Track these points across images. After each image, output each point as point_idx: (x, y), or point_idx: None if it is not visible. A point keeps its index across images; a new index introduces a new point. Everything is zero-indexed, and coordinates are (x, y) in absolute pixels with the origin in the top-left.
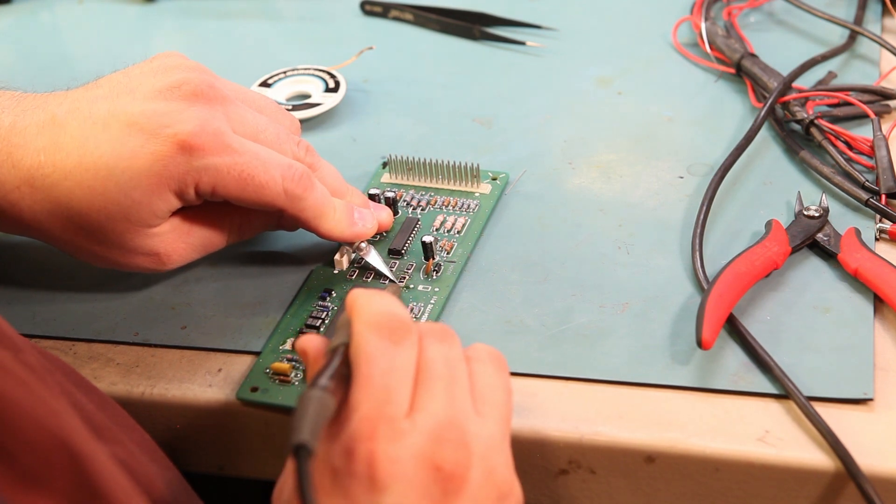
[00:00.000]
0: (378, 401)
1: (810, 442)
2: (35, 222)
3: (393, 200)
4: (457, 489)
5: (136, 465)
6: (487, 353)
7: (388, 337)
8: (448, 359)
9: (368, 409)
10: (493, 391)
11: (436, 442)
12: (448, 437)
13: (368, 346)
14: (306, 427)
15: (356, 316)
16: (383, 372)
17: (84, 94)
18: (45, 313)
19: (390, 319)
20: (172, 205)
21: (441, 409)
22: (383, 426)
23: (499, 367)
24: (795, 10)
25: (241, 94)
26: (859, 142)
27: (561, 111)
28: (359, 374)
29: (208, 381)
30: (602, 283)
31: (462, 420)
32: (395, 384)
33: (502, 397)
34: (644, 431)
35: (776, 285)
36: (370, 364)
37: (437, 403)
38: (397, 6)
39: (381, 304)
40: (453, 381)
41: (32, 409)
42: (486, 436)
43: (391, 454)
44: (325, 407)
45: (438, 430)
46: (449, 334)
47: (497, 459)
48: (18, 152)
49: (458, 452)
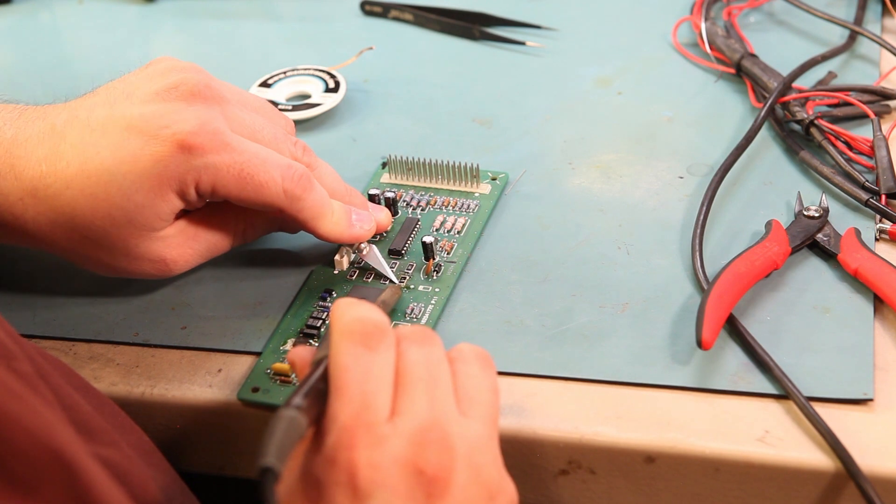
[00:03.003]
0: (356, 408)
1: (810, 442)
2: (39, 233)
3: (393, 201)
4: (441, 492)
5: (132, 468)
6: (472, 353)
7: (362, 343)
8: (429, 361)
9: (347, 418)
10: (478, 391)
11: (418, 445)
12: (430, 439)
13: (343, 356)
14: (272, 449)
15: (333, 326)
16: (359, 380)
17: (82, 103)
18: (45, 313)
19: (363, 325)
20: (175, 205)
21: (422, 412)
22: (362, 433)
23: (484, 366)
24: (795, 10)
25: (237, 95)
26: (859, 142)
27: (561, 111)
28: (335, 384)
29: (208, 382)
30: (602, 283)
31: (444, 422)
32: (373, 389)
33: (488, 396)
34: (644, 431)
35: (776, 285)
36: (346, 373)
37: (418, 406)
38: (397, 6)
39: (355, 312)
40: (434, 382)
41: (23, 420)
42: (471, 436)
43: (372, 461)
44: (295, 427)
45: (420, 434)
46: (429, 336)
47: (483, 459)
48: (20, 164)
49: (441, 455)
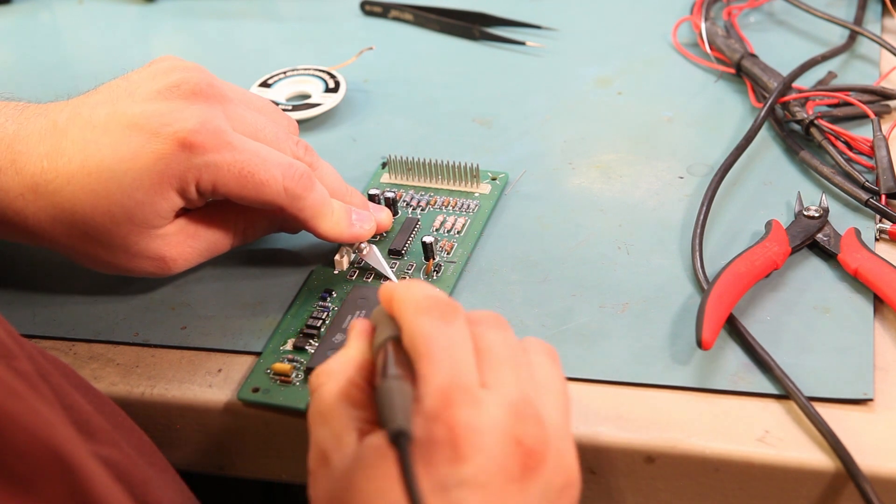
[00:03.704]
0: (449, 371)
1: (810, 442)
2: (40, 229)
3: (393, 201)
4: (535, 466)
5: (133, 468)
6: (542, 346)
7: (440, 318)
8: (508, 344)
9: (442, 380)
10: (553, 382)
11: (515, 416)
12: (526, 413)
13: (424, 328)
14: (399, 413)
15: (402, 305)
16: (445, 346)
17: (84, 101)
18: (45, 313)
19: (436, 301)
20: (175, 204)
21: (513, 388)
22: (461, 393)
23: (554, 361)
24: (795, 10)
25: (239, 95)
26: (859, 142)
27: (561, 111)
28: (422, 354)
29: (208, 382)
30: (602, 283)
31: (534, 399)
32: (461, 356)
33: (562, 388)
34: (644, 431)
35: (776, 285)
36: (431, 342)
37: (507, 382)
38: (397, 6)
39: (423, 290)
40: (518, 364)
41: (23, 419)
42: (555, 422)
43: (472, 422)
44: (405, 392)
45: (516, 406)
46: (504, 322)
47: (565, 446)
48: (22, 159)
49: (537, 428)
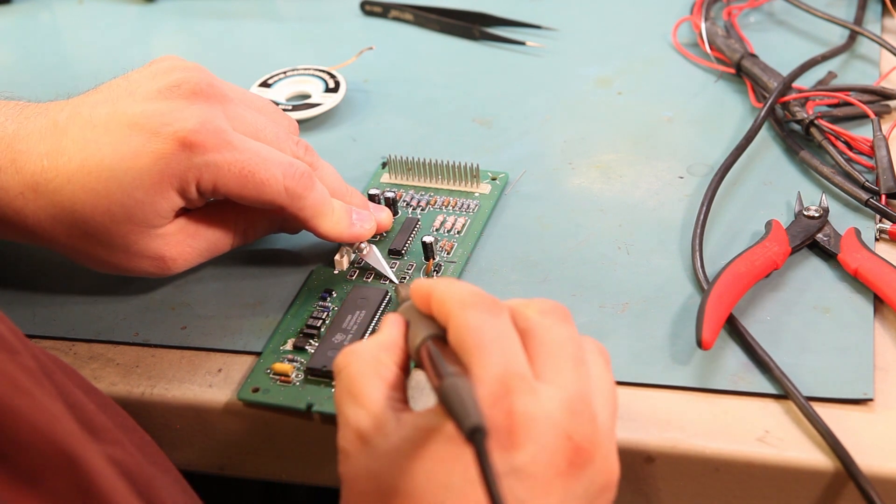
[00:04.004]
0: (503, 361)
1: (810, 442)
2: (39, 228)
3: (393, 201)
4: (582, 464)
5: (136, 466)
6: (596, 346)
7: (487, 311)
8: (573, 339)
9: (497, 370)
10: (605, 382)
11: (569, 411)
12: (581, 409)
13: (473, 321)
14: (471, 409)
15: (447, 302)
16: (495, 337)
17: (84, 100)
18: (45, 313)
19: (482, 297)
20: (175, 203)
21: (571, 383)
22: (518, 381)
23: (606, 362)
24: (795, 10)
25: (239, 94)
26: (859, 142)
27: (561, 111)
28: (473, 346)
29: (208, 382)
30: (602, 283)
31: (590, 398)
32: (512, 347)
33: (612, 390)
34: (644, 431)
35: (776, 285)
36: (481, 334)
37: (566, 376)
38: (397, 6)
39: (464, 285)
40: (580, 360)
41: (29, 413)
42: (605, 424)
43: (528, 410)
44: (468, 387)
45: (571, 402)
46: (568, 316)
47: (611, 448)
48: (22, 158)
49: (590, 427)
